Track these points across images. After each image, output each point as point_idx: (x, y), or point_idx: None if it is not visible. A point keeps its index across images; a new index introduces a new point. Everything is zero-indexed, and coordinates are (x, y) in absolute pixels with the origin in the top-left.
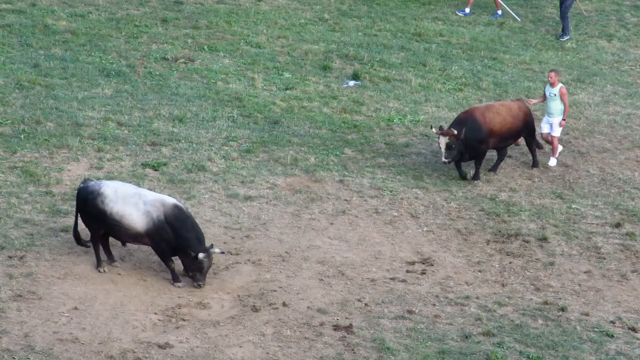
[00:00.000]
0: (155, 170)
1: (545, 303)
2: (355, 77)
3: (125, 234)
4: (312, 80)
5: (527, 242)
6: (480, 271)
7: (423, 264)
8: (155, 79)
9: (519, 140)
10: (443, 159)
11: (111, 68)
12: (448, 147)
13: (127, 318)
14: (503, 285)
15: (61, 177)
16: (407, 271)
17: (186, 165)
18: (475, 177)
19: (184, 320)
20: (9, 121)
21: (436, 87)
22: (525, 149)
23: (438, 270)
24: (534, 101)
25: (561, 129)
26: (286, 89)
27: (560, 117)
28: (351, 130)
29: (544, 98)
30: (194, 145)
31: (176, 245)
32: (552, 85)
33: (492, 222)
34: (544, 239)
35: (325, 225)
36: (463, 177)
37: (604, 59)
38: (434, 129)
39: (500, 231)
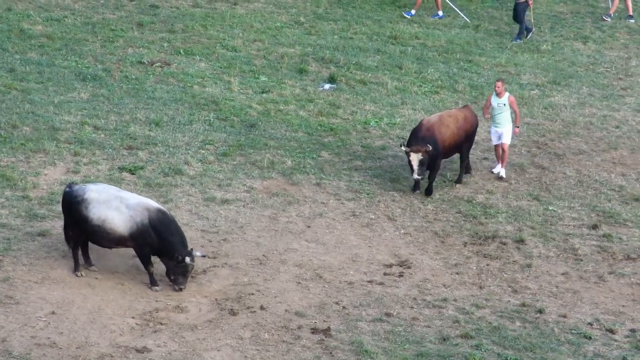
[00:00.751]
0: (132, 174)
1: (523, 305)
2: (331, 80)
3: (107, 239)
4: (289, 84)
5: (505, 244)
6: (457, 273)
7: (400, 266)
8: (132, 82)
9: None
10: (416, 176)
11: (87, 72)
12: (421, 163)
13: (105, 322)
14: (481, 287)
15: (38, 182)
16: (385, 274)
17: (163, 169)
18: (429, 191)
19: (161, 324)
20: None
21: (412, 90)
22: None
23: (415, 272)
24: (487, 116)
25: (512, 136)
26: (262, 92)
27: (510, 126)
28: (328, 133)
29: (487, 107)
30: (171, 149)
31: (160, 249)
32: (500, 95)
33: (469, 224)
34: (521, 241)
35: (302, 228)
36: (417, 188)
37: (580, 61)
38: (403, 147)
39: (477, 233)
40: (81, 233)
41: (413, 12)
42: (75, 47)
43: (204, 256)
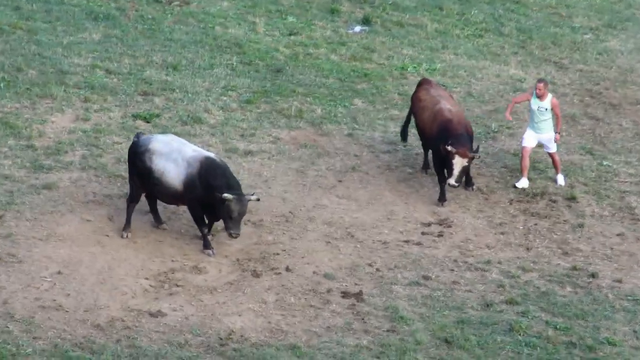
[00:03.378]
0: (147, 122)
1: (574, 269)
2: (365, 21)
3: (166, 194)
4: (319, 25)
5: (554, 201)
6: (502, 233)
7: (440, 225)
8: (147, 22)
9: None
10: (453, 182)
11: (99, 11)
12: (463, 170)
13: (116, 283)
14: (528, 249)
15: (44, 130)
16: (423, 233)
17: (181, 117)
18: (442, 199)
19: (177, 286)
20: None
21: (454, 33)
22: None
23: (456, 232)
24: (509, 115)
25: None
26: (290, 35)
27: (553, 133)
28: (361, 79)
29: (512, 106)
30: (189, 95)
31: (206, 198)
32: (541, 97)
33: (516, 179)
34: (573, 198)
35: (333, 183)
36: (444, 198)
37: (637, 3)
38: (449, 147)
39: (524, 189)
40: (143, 187)
41: None
42: None
43: (258, 199)
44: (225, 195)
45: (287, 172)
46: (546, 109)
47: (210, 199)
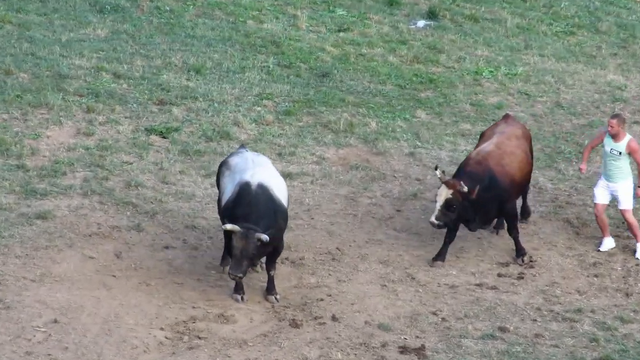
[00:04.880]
0: (164, 137)
1: None
2: (431, 15)
3: None
4: (374, 19)
5: None
6: (596, 276)
7: (520, 265)
8: (165, 16)
9: None
10: (433, 219)
11: (106, 1)
12: (447, 205)
13: (124, 334)
14: (627, 294)
15: (37, 146)
16: (499, 275)
17: (205, 132)
18: (520, 253)
19: (199, 338)
20: None
21: (540, 30)
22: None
23: (540, 274)
24: (584, 167)
25: (630, 191)
26: (339, 31)
27: (628, 183)
28: (426, 86)
29: (590, 149)
30: (216, 105)
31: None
32: (615, 137)
33: (614, 209)
34: None
35: (390, 213)
36: (439, 258)
37: None
38: (437, 171)
39: (623, 222)
40: None
41: None
42: None
43: (266, 240)
44: (226, 225)
45: (334, 200)
46: (620, 153)
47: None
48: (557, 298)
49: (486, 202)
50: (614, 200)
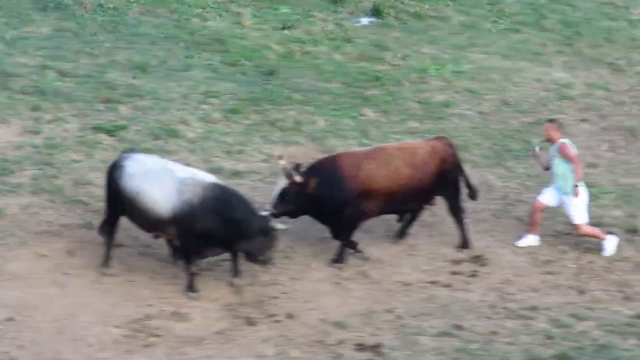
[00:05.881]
0: (111, 135)
1: (639, 317)
2: (375, 12)
3: None
4: (318, 17)
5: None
6: (550, 273)
7: (473, 263)
8: (108, 13)
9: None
10: (268, 207)
11: None
12: (283, 196)
13: (79, 333)
14: (581, 292)
15: None
16: (453, 272)
17: (152, 130)
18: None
19: (155, 335)
20: None
21: (485, 27)
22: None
23: (494, 271)
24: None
25: (578, 203)
26: (283, 29)
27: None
28: (372, 83)
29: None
30: (162, 103)
31: None
32: (550, 140)
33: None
34: (634, 230)
35: None
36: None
37: None
38: (281, 161)
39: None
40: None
41: None
42: None
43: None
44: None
45: None
46: (554, 157)
47: None
48: (512, 295)
49: (324, 200)
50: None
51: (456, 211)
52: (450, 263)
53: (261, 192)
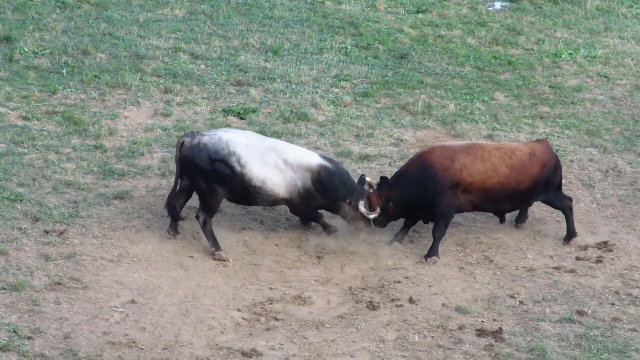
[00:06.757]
0: (241, 118)
1: None
2: None
3: None
4: (453, 1)
5: None
6: None
7: (599, 249)
8: None
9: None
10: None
11: None
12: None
13: (202, 315)
14: None
15: (115, 127)
16: (577, 258)
17: (282, 113)
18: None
19: (276, 319)
20: (48, 51)
21: (620, 12)
22: None
23: (619, 257)
24: None
25: None
26: (417, 12)
27: None
28: (504, 68)
29: None
30: (293, 86)
31: None
32: None
33: None
34: None
35: None
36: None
37: None
38: (367, 179)
39: None
40: None
41: None
42: None
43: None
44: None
45: None
46: None
47: None
48: (636, 282)
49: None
50: None
51: (561, 209)
52: (576, 249)
53: (390, 176)
